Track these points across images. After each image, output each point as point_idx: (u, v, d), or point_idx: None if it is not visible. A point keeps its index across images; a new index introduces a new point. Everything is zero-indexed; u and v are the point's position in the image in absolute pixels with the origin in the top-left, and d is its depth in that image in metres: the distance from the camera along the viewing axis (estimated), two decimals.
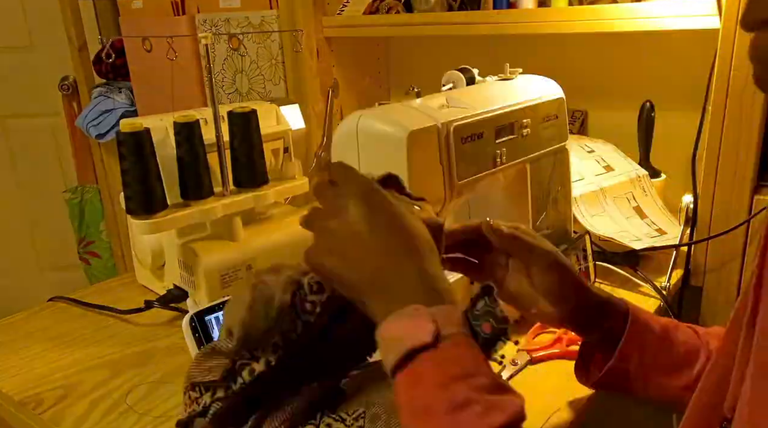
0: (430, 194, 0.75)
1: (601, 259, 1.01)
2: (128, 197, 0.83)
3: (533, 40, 1.35)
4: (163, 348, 0.85)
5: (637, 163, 1.16)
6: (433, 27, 1.28)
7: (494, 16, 1.20)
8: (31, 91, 2.20)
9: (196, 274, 0.90)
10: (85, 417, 0.71)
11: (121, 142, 0.81)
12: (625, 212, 1.09)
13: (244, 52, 1.52)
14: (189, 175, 0.88)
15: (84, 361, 0.83)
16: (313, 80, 1.47)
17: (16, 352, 0.86)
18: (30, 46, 2.18)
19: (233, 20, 1.50)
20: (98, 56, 1.90)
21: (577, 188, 1.04)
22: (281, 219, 1.02)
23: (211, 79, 0.90)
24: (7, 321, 0.95)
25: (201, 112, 0.94)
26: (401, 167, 0.71)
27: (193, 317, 0.78)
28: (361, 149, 0.74)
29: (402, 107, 0.77)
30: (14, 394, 0.76)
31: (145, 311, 0.94)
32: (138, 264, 1.04)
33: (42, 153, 2.28)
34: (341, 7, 1.45)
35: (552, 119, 0.92)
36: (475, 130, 0.79)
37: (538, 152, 0.90)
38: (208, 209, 0.89)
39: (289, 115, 1.06)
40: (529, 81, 0.94)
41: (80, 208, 2.17)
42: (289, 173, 1.01)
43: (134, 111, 1.88)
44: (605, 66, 1.31)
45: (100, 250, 2.21)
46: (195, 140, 0.87)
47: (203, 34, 0.87)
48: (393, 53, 1.64)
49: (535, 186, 0.92)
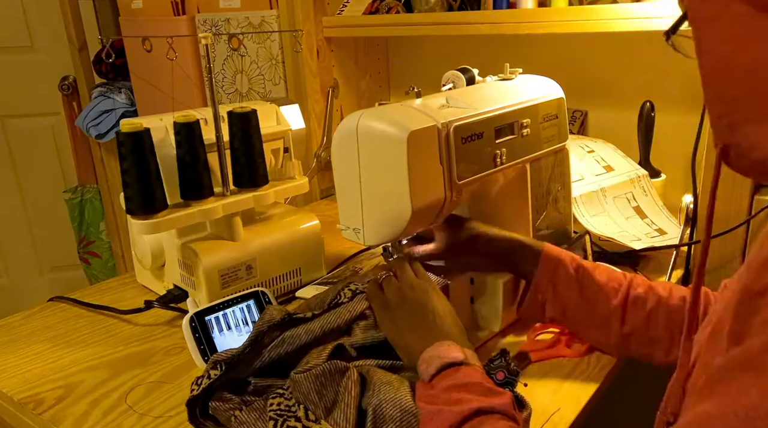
0: (430, 194, 0.75)
1: (601, 259, 1.01)
2: (128, 197, 0.83)
3: (533, 40, 1.35)
4: (163, 348, 0.85)
5: (637, 163, 1.16)
6: (433, 27, 1.28)
7: (494, 16, 1.20)
8: (31, 91, 2.20)
9: (196, 274, 0.90)
10: (85, 417, 0.71)
11: (121, 142, 0.81)
12: (625, 212, 1.09)
13: (244, 52, 1.52)
14: (189, 175, 0.88)
15: (84, 361, 0.83)
16: (313, 80, 1.47)
17: (16, 352, 0.86)
18: (30, 46, 2.18)
19: (233, 20, 1.50)
20: (98, 56, 1.90)
21: (577, 188, 1.04)
22: (281, 219, 1.02)
23: (211, 79, 0.90)
24: (7, 321, 0.95)
25: (201, 112, 0.94)
26: (401, 167, 0.71)
27: (193, 317, 0.78)
28: (361, 149, 0.74)
29: (402, 106, 0.77)
30: (14, 394, 0.76)
31: (145, 311, 0.94)
32: (138, 264, 1.04)
33: (42, 153, 2.28)
34: (341, 7, 1.45)
35: (552, 118, 0.92)
36: (475, 130, 0.79)
37: (538, 151, 0.90)
38: (208, 209, 0.89)
39: (289, 115, 1.06)
40: (529, 81, 0.94)
41: (80, 208, 2.17)
42: (289, 173, 1.01)
43: (134, 111, 1.88)
44: (605, 66, 1.31)
45: (100, 250, 2.21)
46: (195, 140, 0.87)
47: (203, 34, 0.87)
48: (393, 53, 1.64)
49: (535, 186, 0.92)
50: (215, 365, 0.67)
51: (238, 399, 0.67)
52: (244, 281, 0.94)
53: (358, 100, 1.60)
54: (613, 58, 1.29)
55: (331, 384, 0.64)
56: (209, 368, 0.67)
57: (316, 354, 0.69)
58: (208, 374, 0.66)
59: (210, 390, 0.66)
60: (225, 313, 0.81)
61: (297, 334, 0.71)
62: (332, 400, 0.63)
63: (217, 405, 0.65)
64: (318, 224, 1.03)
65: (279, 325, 0.72)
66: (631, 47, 1.26)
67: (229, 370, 0.67)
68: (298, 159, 1.04)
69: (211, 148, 0.90)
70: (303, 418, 0.63)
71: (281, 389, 0.67)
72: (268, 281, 0.97)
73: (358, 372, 0.66)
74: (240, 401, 0.66)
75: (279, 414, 0.63)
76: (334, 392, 0.64)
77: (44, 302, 1.01)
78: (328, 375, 0.64)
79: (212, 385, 0.66)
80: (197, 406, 0.66)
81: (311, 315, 0.74)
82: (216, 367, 0.67)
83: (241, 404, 0.66)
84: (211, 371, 0.67)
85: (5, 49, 2.17)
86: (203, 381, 0.66)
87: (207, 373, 0.67)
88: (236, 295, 0.83)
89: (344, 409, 0.62)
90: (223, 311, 0.81)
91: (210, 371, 0.67)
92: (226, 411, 0.65)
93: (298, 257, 1.00)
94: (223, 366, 0.67)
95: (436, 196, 0.76)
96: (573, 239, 0.96)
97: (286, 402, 0.65)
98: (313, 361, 0.67)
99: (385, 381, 0.64)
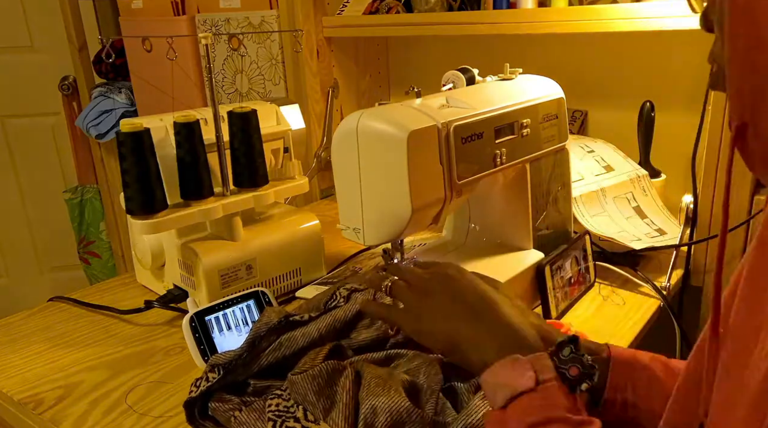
0: (430, 194, 0.75)
1: (601, 259, 1.01)
2: (128, 197, 0.83)
3: (533, 40, 1.35)
4: (163, 348, 0.85)
5: (637, 163, 1.16)
6: (433, 27, 1.28)
7: (494, 16, 1.20)
8: (31, 91, 2.20)
9: (196, 274, 0.90)
10: (85, 417, 0.71)
11: (121, 142, 0.81)
12: (625, 212, 1.09)
13: (244, 52, 1.52)
14: (189, 175, 0.88)
15: (84, 361, 0.83)
16: (313, 80, 1.47)
17: (16, 352, 0.86)
18: (30, 46, 2.18)
19: (233, 20, 1.50)
20: (98, 56, 1.90)
21: (577, 188, 1.04)
22: (281, 219, 1.02)
23: (211, 79, 0.90)
24: (7, 321, 0.95)
25: (201, 112, 0.94)
26: (401, 167, 0.71)
27: (193, 317, 0.78)
28: (361, 149, 0.74)
29: (402, 106, 0.77)
30: (14, 394, 0.76)
31: (145, 311, 0.94)
32: (138, 264, 1.04)
33: (42, 153, 2.28)
34: (341, 7, 1.45)
35: (552, 118, 0.92)
36: (475, 130, 0.79)
37: (538, 152, 0.90)
38: (208, 209, 0.89)
39: (289, 115, 1.06)
40: (529, 81, 0.94)
41: (80, 208, 2.17)
42: (289, 173, 1.01)
43: (134, 111, 1.88)
44: (605, 66, 1.31)
45: (100, 250, 2.21)
46: (195, 140, 0.87)
47: (203, 34, 0.87)
48: (393, 53, 1.64)
49: (535, 186, 0.92)
50: (213, 368, 0.67)
51: (238, 399, 0.67)
52: (244, 281, 0.94)
53: (358, 100, 1.60)
54: (613, 58, 1.29)
55: (329, 384, 0.64)
56: (207, 370, 0.67)
57: (313, 354, 0.69)
58: (207, 377, 0.67)
59: (208, 391, 0.66)
60: (225, 313, 0.81)
61: (294, 337, 0.71)
62: (330, 400, 0.63)
63: (216, 405, 0.65)
64: (318, 224, 1.03)
65: (276, 329, 0.72)
66: (631, 47, 1.26)
67: (227, 374, 0.67)
68: (298, 159, 1.04)
69: (211, 148, 0.90)
70: (302, 418, 0.63)
71: (279, 390, 0.67)
72: (268, 281, 0.97)
73: (355, 369, 0.66)
74: (240, 401, 0.67)
75: (278, 414, 0.63)
76: (332, 392, 0.64)
77: (44, 302, 1.01)
78: (325, 375, 0.64)
79: (211, 388, 0.66)
80: (196, 407, 0.66)
81: (308, 318, 0.74)
82: (214, 370, 0.67)
83: (240, 404, 0.66)
84: (210, 374, 0.67)
85: (5, 49, 2.17)
86: (202, 383, 0.66)
87: (205, 375, 0.67)
88: (236, 295, 0.83)
89: (342, 409, 0.62)
90: (223, 312, 0.81)
91: (208, 374, 0.67)
92: (226, 412, 0.65)
93: (298, 257, 1.00)
94: (221, 371, 0.67)
95: (436, 196, 0.76)
96: (573, 239, 0.96)
97: (284, 403, 0.65)
98: (310, 362, 0.67)
99: (375, 375, 0.64)
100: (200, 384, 0.66)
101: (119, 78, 1.93)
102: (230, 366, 0.67)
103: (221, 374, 0.66)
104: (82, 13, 1.92)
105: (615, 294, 0.96)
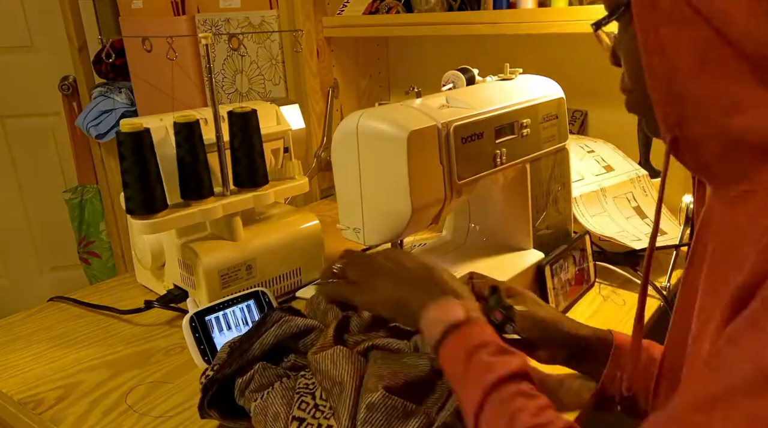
0: (430, 194, 0.75)
1: (601, 259, 1.01)
2: (128, 197, 0.83)
3: (533, 40, 1.35)
4: (163, 348, 0.85)
5: (637, 163, 1.16)
6: (433, 27, 1.28)
7: (494, 16, 1.20)
8: (31, 91, 2.20)
9: (196, 274, 0.91)
10: (85, 417, 0.71)
11: (121, 142, 0.81)
12: (625, 212, 1.09)
13: (244, 52, 1.52)
14: (189, 175, 0.88)
15: (84, 361, 0.83)
16: (313, 80, 1.47)
17: (16, 352, 0.86)
18: (30, 46, 2.18)
19: (233, 20, 1.50)
20: (98, 56, 1.90)
21: (577, 188, 1.04)
22: (281, 219, 1.02)
23: (211, 79, 0.90)
24: (7, 321, 0.95)
25: (201, 112, 0.94)
26: (401, 167, 0.71)
27: (193, 317, 0.78)
28: (361, 149, 0.74)
29: (402, 106, 0.77)
30: (14, 394, 0.76)
31: (145, 311, 0.94)
32: (138, 264, 1.04)
33: (42, 153, 2.28)
34: (341, 7, 1.45)
35: (552, 118, 0.92)
36: (475, 130, 0.79)
37: (538, 151, 0.90)
38: (208, 209, 0.89)
39: (289, 115, 1.06)
40: (529, 81, 0.94)
41: (80, 208, 2.17)
42: (289, 173, 1.01)
43: (134, 111, 1.88)
44: (605, 66, 1.30)
45: (100, 250, 2.21)
46: (195, 140, 0.87)
47: (203, 34, 0.87)
48: (393, 53, 1.64)
49: (535, 186, 0.92)
50: (230, 353, 0.68)
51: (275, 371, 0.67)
52: (244, 281, 0.94)
53: (358, 100, 1.60)
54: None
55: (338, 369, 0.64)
56: (224, 355, 0.68)
57: (323, 336, 0.69)
58: (221, 362, 0.67)
59: (224, 378, 0.66)
60: (225, 313, 0.81)
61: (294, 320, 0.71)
62: (340, 388, 0.63)
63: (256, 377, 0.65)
64: (318, 224, 1.03)
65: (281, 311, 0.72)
66: None
67: (243, 352, 0.67)
68: (298, 159, 1.04)
69: (211, 148, 0.90)
70: (318, 397, 0.63)
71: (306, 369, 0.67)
72: (268, 281, 0.97)
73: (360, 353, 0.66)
74: (276, 374, 0.67)
75: (302, 392, 0.64)
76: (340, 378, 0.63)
77: (44, 302, 1.01)
78: (340, 359, 0.64)
79: (224, 368, 0.66)
80: (211, 391, 0.65)
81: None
82: (230, 356, 0.67)
83: (280, 377, 0.66)
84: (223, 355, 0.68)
85: (5, 49, 2.17)
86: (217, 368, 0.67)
87: (220, 361, 0.67)
88: (236, 295, 0.83)
89: (346, 401, 0.61)
90: (223, 311, 0.81)
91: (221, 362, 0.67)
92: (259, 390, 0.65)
93: (298, 257, 1.00)
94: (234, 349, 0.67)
95: (436, 196, 0.76)
96: (573, 239, 0.96)
97: (305, 381, 0.65)
98: (321, 341, 0.67)
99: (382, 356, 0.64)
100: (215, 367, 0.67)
101: (119, 78, 1.93)
102: (245, 339, 0.68)
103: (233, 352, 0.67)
104: (82, 13, 1.92)
105: (615, 294, 0.96)
